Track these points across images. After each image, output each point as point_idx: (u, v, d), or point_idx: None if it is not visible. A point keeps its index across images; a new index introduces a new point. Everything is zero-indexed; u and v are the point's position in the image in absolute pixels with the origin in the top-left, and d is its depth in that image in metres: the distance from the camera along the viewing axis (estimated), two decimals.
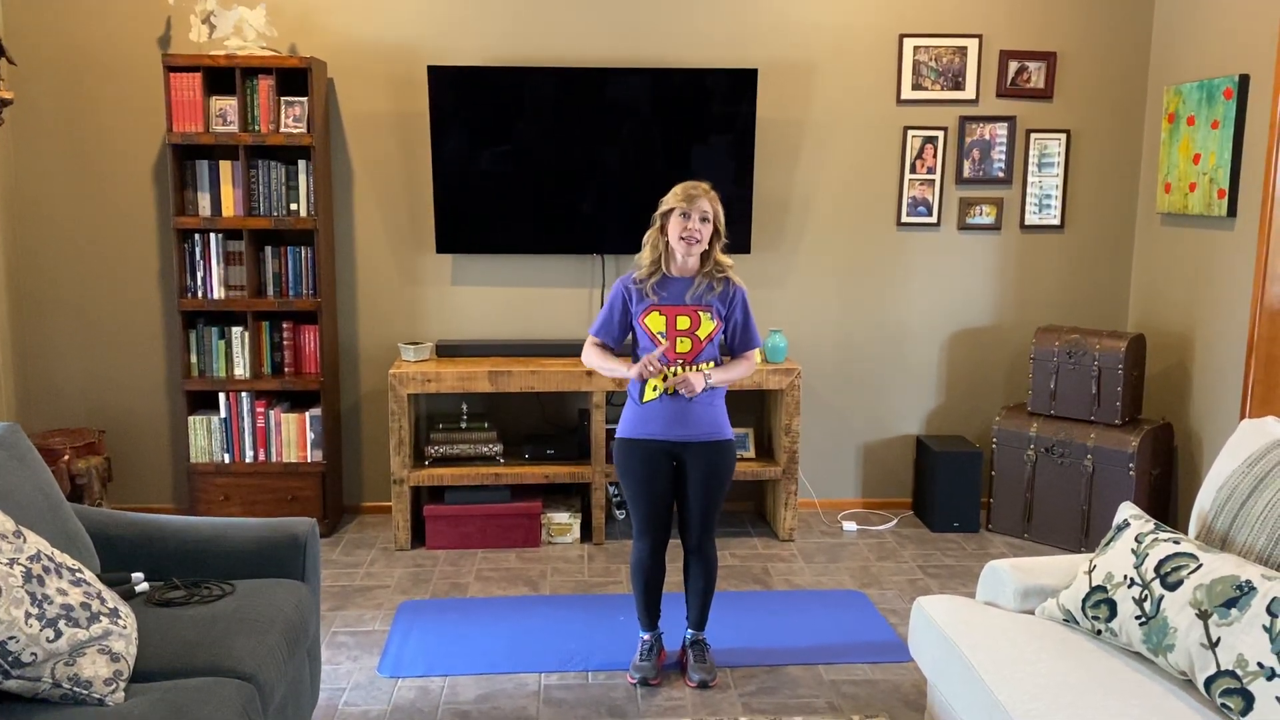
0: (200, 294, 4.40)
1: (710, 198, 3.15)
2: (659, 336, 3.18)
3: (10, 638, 2.03)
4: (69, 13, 4.41)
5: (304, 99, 4.30)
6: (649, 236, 3.22)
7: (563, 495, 4.66)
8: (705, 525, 3.28)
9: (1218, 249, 4.24)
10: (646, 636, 3.38)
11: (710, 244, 3.17)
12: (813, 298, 4.84)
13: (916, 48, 4.66)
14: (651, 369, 3.11)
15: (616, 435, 3.30)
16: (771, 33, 4.63)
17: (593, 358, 3.30)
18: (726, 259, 3.23)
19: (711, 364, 3.23)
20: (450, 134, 4.47)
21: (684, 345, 3.18)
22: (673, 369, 3.17)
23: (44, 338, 4.61)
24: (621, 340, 3.32)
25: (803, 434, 4.78)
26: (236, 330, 4.43)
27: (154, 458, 4.73)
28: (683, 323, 3.18)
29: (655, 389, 3.19)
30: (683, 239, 3.12)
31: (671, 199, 3.15)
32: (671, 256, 3.19)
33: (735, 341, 3.28)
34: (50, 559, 2.24)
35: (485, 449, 4.50)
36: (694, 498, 3.25)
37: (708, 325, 3.18)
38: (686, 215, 3.11)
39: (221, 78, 4.30)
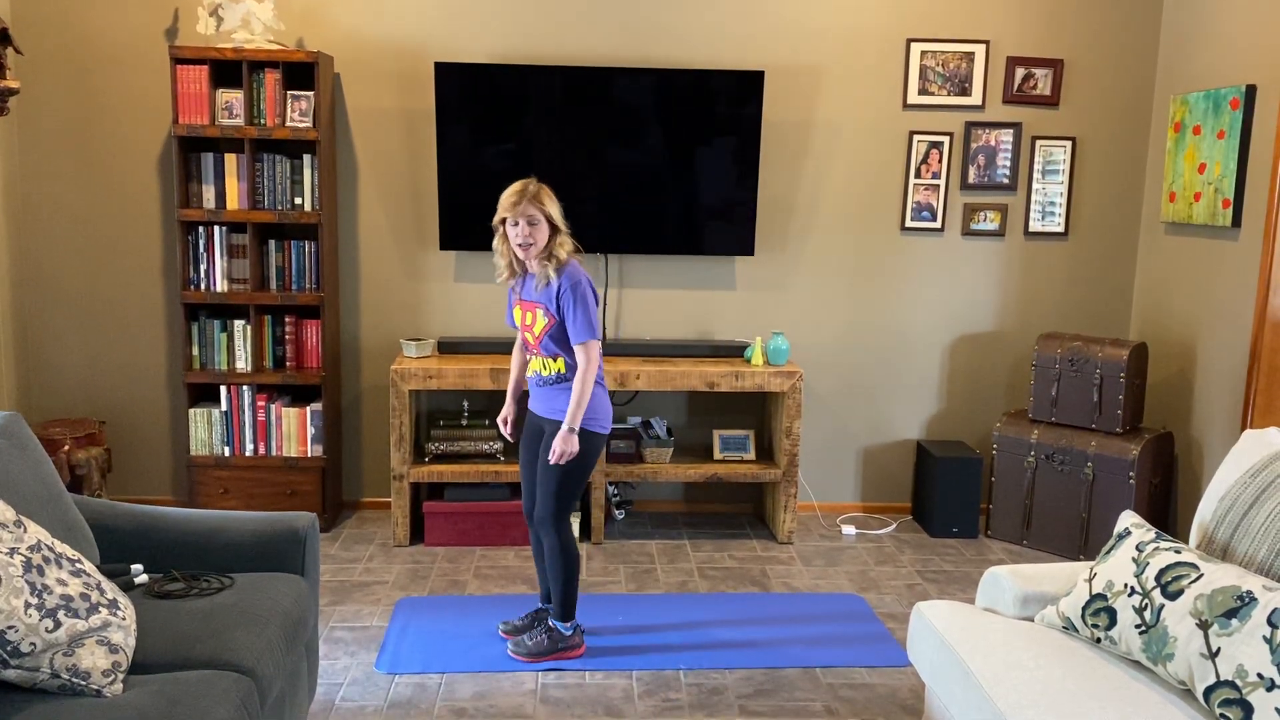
0: (203, 286, 4.40)
1: (536, 200, 3.19)
2: (524, 334, 3.38)
3: (9, 627, 2.03)
4: (76, 3, 4.41)
5: (310, 93, 4.30)
6: (496, 244, 3.32)
7: None
8: (543, 503, 3.34)
9: (1221, 259, 4.24)
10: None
11: (551, 239, 3.23)
12: (815, 301, 4.83)
13: (924, 52, 4.66)
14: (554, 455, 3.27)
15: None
16: (779, 35, 4.63)
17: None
18: (563, 251, 3.24)
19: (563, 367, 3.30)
20: (455, 131, 4.47)
21: (529, 337, 3.33)
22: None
23: (46, 328, 4.61)
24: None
25: (803, 437, 4.78)
26: (239, 323, 4.43)
27: (154, 449, 4.73)
28: (527, 318, 3.33)
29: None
30: (519, 245, 3.22)
31: (500, 209, 3.24)
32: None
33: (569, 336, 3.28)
34: (50, 549, 2.24)
35: (485, 446, 4.50)
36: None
37: (540, 321, 3.28)
38: (516, 223, 3.20)
39: (228, 70, 4.30)
